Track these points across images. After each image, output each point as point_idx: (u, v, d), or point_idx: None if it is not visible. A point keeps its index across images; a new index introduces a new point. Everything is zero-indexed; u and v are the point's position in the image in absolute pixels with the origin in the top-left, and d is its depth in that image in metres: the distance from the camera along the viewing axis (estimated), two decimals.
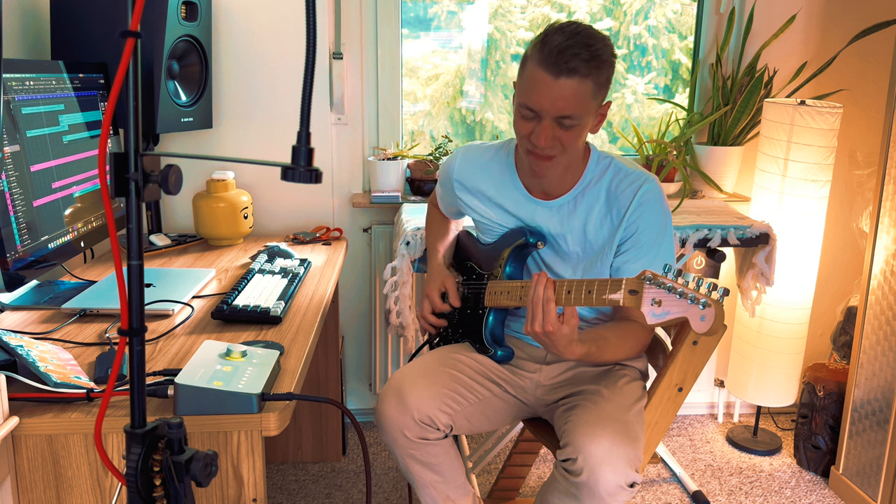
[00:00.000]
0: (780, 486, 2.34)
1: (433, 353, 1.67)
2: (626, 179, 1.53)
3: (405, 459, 1.55)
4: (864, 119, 2.58)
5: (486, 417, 1.63)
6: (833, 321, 2.73)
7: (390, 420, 1.51)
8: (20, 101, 1.44)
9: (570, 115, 1.39)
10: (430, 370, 1.58)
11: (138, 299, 0.86)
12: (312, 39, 0.83)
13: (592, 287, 1.34)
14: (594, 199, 1.55)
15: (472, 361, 1.63)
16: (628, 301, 1.27)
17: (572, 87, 1.36)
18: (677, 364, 1.56)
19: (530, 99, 1.40)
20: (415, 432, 1.50)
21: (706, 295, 1.17)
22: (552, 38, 1.36)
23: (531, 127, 1.43)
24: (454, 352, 1.65)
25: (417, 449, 1.52)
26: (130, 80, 0.81)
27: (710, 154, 2.53)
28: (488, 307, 1.62)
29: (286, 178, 0.87)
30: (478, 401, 1.60)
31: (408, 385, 1.52)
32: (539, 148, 1.43)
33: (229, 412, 1.13)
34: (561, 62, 1.35)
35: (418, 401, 1.50)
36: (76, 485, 1.15)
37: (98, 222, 1.75)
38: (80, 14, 1.90)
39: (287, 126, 2.32)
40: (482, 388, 1.61)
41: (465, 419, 1.58)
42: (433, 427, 1.51)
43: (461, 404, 1.56)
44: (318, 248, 2.16)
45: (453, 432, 1.57)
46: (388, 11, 2.41)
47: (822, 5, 2.49)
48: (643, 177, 1.52)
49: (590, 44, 1.36)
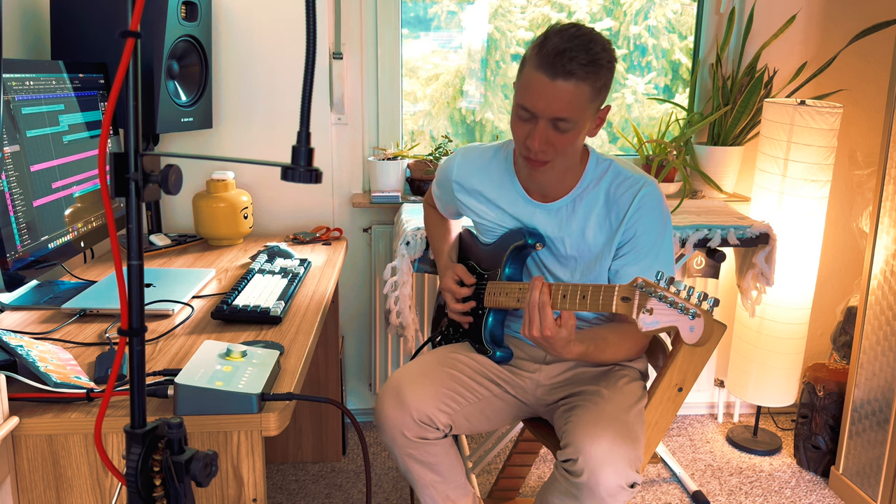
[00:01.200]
0: (780, 486, 2.34)
1: (432, 352, 1.67)
2: (626, 183, 1.52)
3: (405, 459, 1.55)
4: (864, 119, 2.58)
5: (486, 417, 1.63)
6: (833, 321, 2.73)
7: (389, 420, 1.51)
8: (20, 101, 1.44)
9: (566, 118, 1.39)
10: (429, 370, 1.58)
11: (138, 299, 0.86)
12: (312, 39, 0.83)
13: (587, 292, 1.34)
14: (593, 202, 1.54)
15: (471, 361, 1.63)
16: (620, 308, 1.28)
17: (568, 89, 1.36)
18: (677, 364, 1.56)
19: (526, 99, 1.40)
20: (414, 432, 1.50)
21: (696, 305, 1.16)
22: (551, 40, 1.36)
23: (527, 129, 1.43)
24: (453, 351, 1.65)
25: (417, 448, 1.52)
26: (130, 80, 0.81)
27: (710, 154, 2.53)
28: (488, 307, 1.62)
29: (286, 178, 0.87)
30: (477, 400, 1.60)
31: (407, 384, 1.52)
32: (533, 152, 1.43)
33: (229, 412, 1.13)
34: (558, 64, 1.35)
35: (417, 400, 1.50)
36: (76, 485, 1.15)
37: (98, 222, 1.75)
38: (80, 14, 1.90)
39: (287, 126, 2.32)
40: (482, 387, 1.61)
41: (465, 419, 1.58)
42: (432, 427, 1.52)
43: (460, 404, 1.57)
44: (318, 248, 2.16)
45: (453, 432, 1.58)
46: (388, 11, 2.41)
47: (822, 5, 2.49)
48: (642, 180, 1.52)
49: (589, 47, 1.36)
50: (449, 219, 1.85)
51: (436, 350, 1.69)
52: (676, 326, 1.18)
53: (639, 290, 1.24)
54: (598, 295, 1.32)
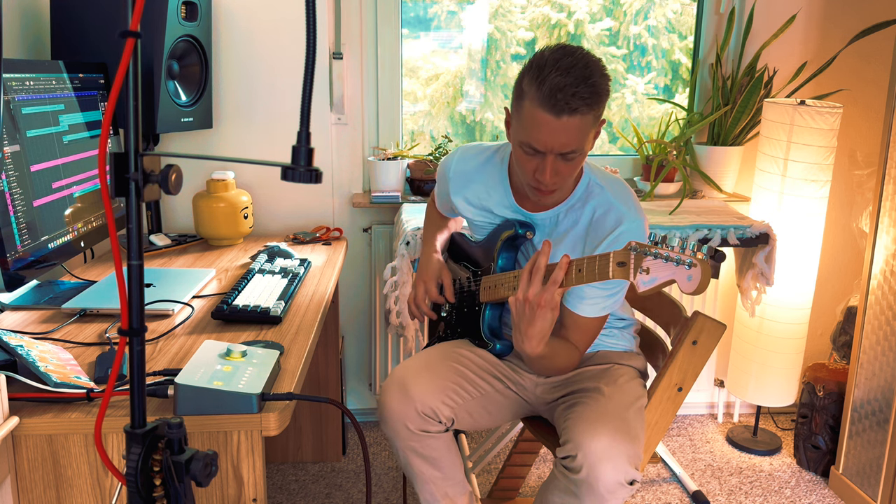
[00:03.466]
0: (779, 486, 2.34)
1: (436, 347, 1.68)
2: (612, 211, 1.51)
3: (406, 453, 1.55)
4: (863, 119, 2.58)
5: (488, 413, 1.64)
6: (833, 321, 2.73)
7: (393, 411, 1.52)
8: (20, 101, 1.44)
9: (574, 150, 1.40)
10: (433, 363, 1.59)
11: (138, 299, 0.86)
12: (312, 39, 0.83)
13: (582, 265, 1.34)
14: (575, 220, 1.55)
15: (474, 356, 1.65)
16: (617, 274, 1.28)
17: (575, 124, 1.37)
18: (677, 364, 1.56)
19: (532, 138, 1.40)
20: (417, 424, 1.51)
21: (692, 255, 1.18)
22: (550, 77, 1.35)
23: (535, 164, 1.44)
24: (457, 347, 1.67)
25: (419, 441, 1.53)
26: (130, 80, 0.81)
27: (710, 154, 2.53)
28: (484, 302, 1.63)
29: (286, 178, 0.87)
30: (480, 395, 1.61)
31: (411, 377, 1.54)
32: (544, 184, 1.45)
33: (229, 412, 1.13)
34: (562, 102, 1.34)
35: (422, 392, 1.51)
36: (76, 485, 1.15)
37: (98, 222, 1.75)
38: (80, 14, 1.90)
39: (287, 126, 2.32)
40: (484, 382, 1.62)
41: (468, 413, 1.59)
42: (435, 419, 1.53)
43: (464, 398, 1.58)
44: (318, 248, 2.16)
45: (455, 426, 1.58)
46: (388, 11, 2.41)
47: (821, 5, 2.49)
48: (628, 215, 1.49)
49: (587, 77, 1.35)
50: (448, 217, 1.86)
51: (439, 345, 1.70)
52: (674, 279, 1.19)
53: (633, 252, 1.25)
54: (594, 265, 1.32)
